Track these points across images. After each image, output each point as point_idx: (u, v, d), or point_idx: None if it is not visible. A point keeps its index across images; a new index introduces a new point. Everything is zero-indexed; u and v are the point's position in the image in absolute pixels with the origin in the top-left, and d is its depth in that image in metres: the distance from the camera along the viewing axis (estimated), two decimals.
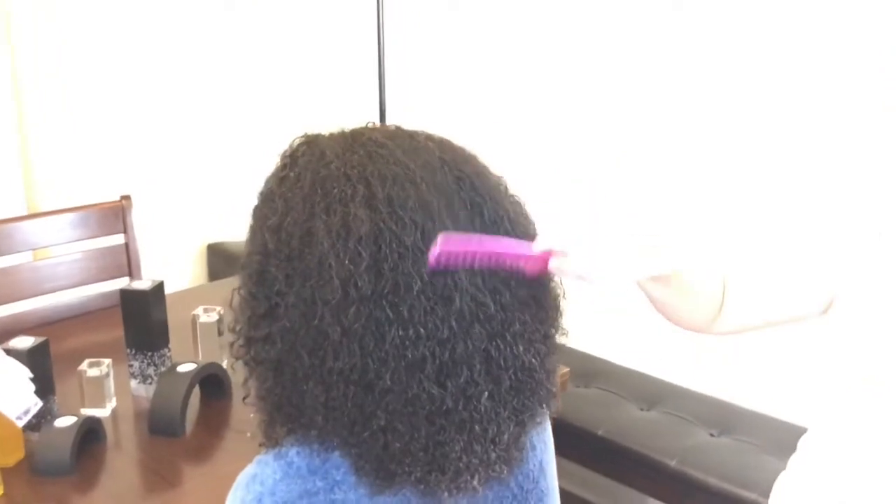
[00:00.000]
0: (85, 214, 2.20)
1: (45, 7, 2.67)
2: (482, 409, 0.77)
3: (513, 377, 0.79)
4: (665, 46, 2.40)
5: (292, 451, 0.81)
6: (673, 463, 2.00)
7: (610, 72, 2.53)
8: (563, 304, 0.85)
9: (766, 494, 1.84)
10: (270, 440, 0.83)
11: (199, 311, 1.76)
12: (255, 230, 0.83)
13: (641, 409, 2.21)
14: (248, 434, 0.87)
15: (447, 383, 0.76)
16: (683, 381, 2.31)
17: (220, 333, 1.75)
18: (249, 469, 0.84)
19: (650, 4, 2.44)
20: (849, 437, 1.03)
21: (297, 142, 0.85)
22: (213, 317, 1.74)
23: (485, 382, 0.77)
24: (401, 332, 0.74)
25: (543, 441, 0.92)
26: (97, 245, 2.23)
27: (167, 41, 3.14)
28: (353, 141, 0.82)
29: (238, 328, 0.85)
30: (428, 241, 0.75)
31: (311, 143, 0.84)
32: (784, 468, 1.95)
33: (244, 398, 0.87)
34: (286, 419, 0.81)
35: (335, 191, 0.77)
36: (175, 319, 1.72)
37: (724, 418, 2.13)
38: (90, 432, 1.47)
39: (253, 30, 3.35)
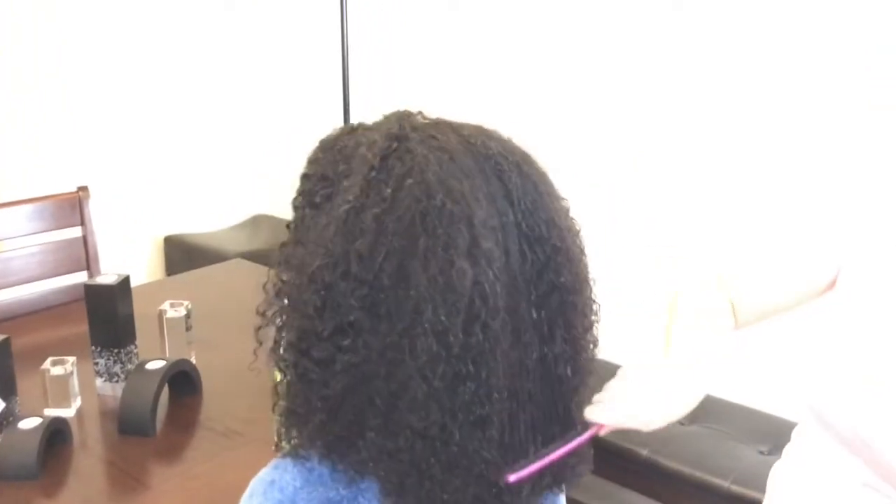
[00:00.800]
0: (40, 206, 2.13)
1: None
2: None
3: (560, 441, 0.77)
4: (678, 46, 2.39)
5: (313, 457, 0.76)
6: (645, 452, 2.00)
7: (622, 73, 2.50)
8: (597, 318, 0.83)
9: (739, 482, 1.87)
10: (299, 455, 0.77)
11: (165, 305, 1.71)
12: (332, 238, 0.72)
13: None
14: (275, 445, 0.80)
15: (504, 442, 0.73)
16: None
17: (187, 328, 1.70)
18: (266, 474, 0.78)
19: (654, 4, 2.43)
20: (845, 426, 1.03)
21: (384, 136, 0.75)
22: (181, 311, 1.69)
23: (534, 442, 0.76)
24: (473, 387, 0.70)
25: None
26: (54, 238, 2.16)
27: (126, 32, 3.07)
28: (453, 161, 0.73)
29: (285, 338, 0.76)
30: (508, 307, 0.72)
31: (406, 150, 0.73)
32: (753, 454, 1.98)
33: (273, 406, 0.79)
34: (330, 447, 0.75)
35: (439, 231, 0.69)
36: (139, 314, 1.67)
37: (698, 406, 2.14)
38: (56, 433, 1.41)
39: (215, 23, 3.29)
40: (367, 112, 0.82)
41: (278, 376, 0.78)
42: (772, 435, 2.00)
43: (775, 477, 1.13)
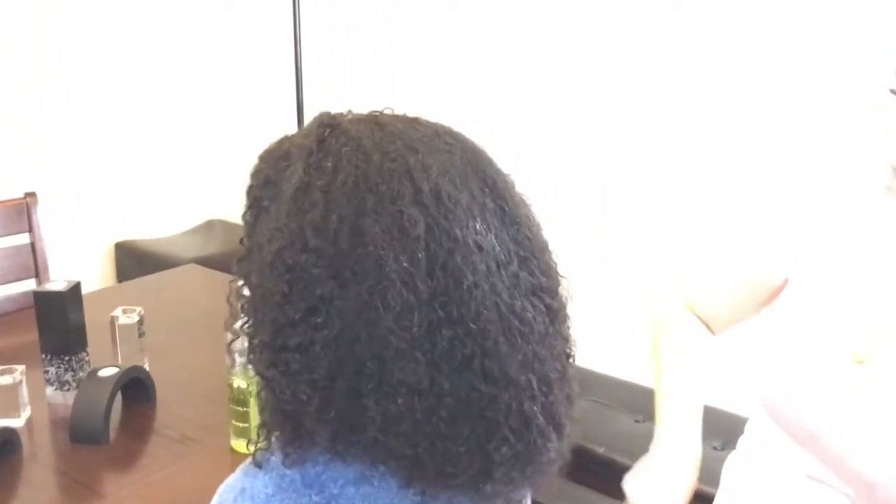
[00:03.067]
0: None
1: None
2: (529, 411, 0.74)
3: (554, 384, 0.77)
4: (670, 47, 2.41)
5: (284, 463, 0.75)
6: (602, 450, 2.02)
7: (613, 70, 2.51)
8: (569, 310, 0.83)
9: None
10: (290, 458, 0.75)
11: (117, 312, 1.68)
12: (288, 223, 0.73)
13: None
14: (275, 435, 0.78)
15: (496, 380, 0.72)
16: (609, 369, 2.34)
17: (140, 335, 1.68)
18: (236, 481, 0.77)
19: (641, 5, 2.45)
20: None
21: (316, 126, 0.78)
22: (133, 318, 1.67)
23: (535, 384, 0.75)
24: (450, 332, 0.70)
25: None
26: (1, 245, 2.11)
27: (73, 35, 3.02)
28: (383, 130, 0.77)
29: (259, 340, 0.75)
30: (477, 239, 0.72)
31: (341, 131, 0.77)
32: (707, 450, 2.01)
33: (261, 410, 0.77)
34: (332, 435, 0.74)
35: (382, 188, 0.72)
36: (91, 321, 1.65)
37: (651, 404, 2.16)
38: (5, 444, 1.39)
39: (165, 27, 3.25)
40: (320, 112, 0.83)
41: (250, 386, 0.77)
42: (724, 430, 2.02)
43: (728, 469, 1.15)
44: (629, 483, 1.16)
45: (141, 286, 2.28)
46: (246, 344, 0.79)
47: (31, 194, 2.16)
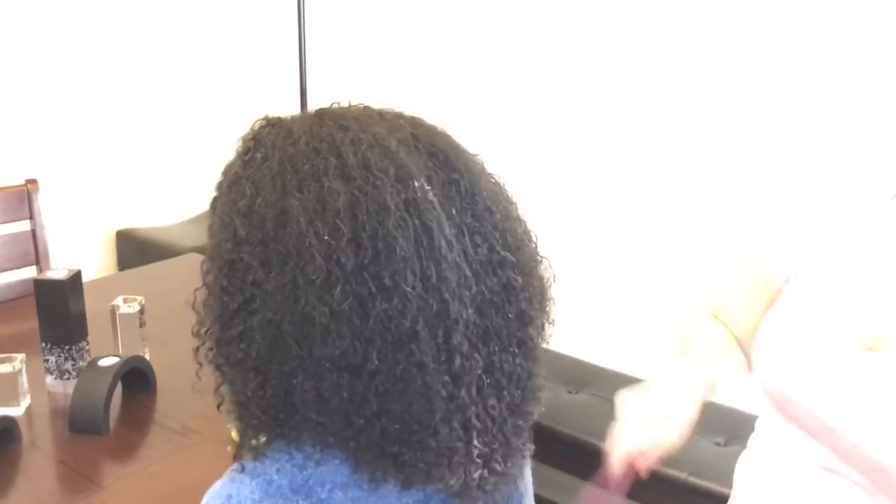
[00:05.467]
0: None
1: None
2: (477, 387, 0.72)
3: (510, 359, 0.74)
4: (675, 48, 2.40)
5: (271, 469, 0.74)
6: (602, 444, 2.01)
7: (620, 71, 2.50)
8: (552, 293, 0.82)
9: (696, 473, 1.89)
10: (248, 451, 0.76)
11: (118, 301, 1.67)
12: (220, 219, 0.76)
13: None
14: (228, 426, 0.79)
15: (444, 360, 0.71)
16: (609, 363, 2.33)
17: (141, 324, 1.67)
18: (221, 488, 0.76)
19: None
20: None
21: (258, 124, 0.79)
22: (134, 307, 1.66)
23: (482, 358, 0.73)
24: (385, 305, 0.69)
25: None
26: (1, 232, 2.10)
27: (76, 22, 3.00)
28: (320, 116, 0.77)
29: (205, 330, 0.77)
30: (411, 205, 0.70)
31: (275, 124, 0.78)
32: (710, 445, 2.00)
33: (218, 406, 0.79)
34: (274, 423, 0.74)
35: (306, 166, 0.72)
36: (91, 310, 1.63)
37: None
38: (4, 433, 1.38)
39: (167, 16, 3.23)
40: (325, 103, 0.82)
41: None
42: (727, 427, 2.02)
43: (741, 468, 1.14)
44: (624, 401, 1.10)
45: (142, 275, 2.27)
46: None
47: (33, 181, 2.14)
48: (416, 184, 0.72)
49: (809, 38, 2.18)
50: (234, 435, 0.75)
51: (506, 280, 0.75)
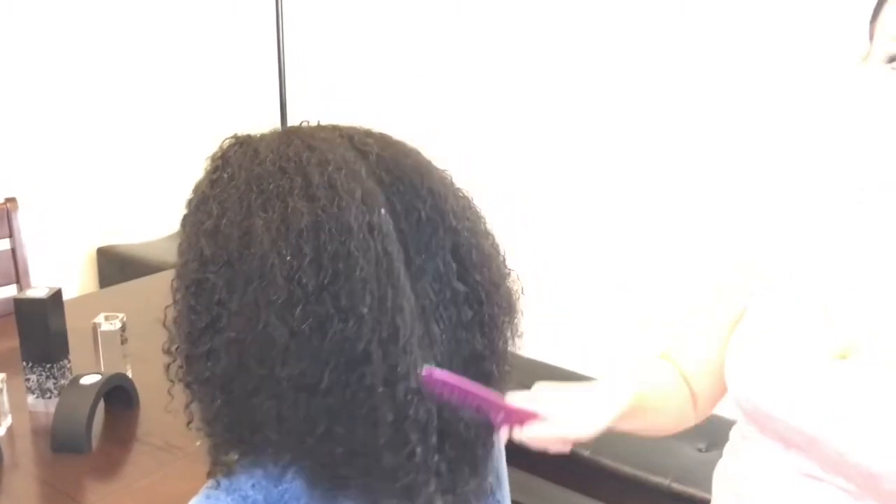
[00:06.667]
0: None
1: None
2: (426, 415, 0.73)
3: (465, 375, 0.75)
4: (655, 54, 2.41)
5: (246, 484, 0.75)
6: (587, 453, 2.02)
7: (606, 77, 2.51)
8: (521, 305, 0.83)
9: (679, 479, 1.91)
10: (221, 467, 0.76)
11: (99, 318, 1.67)
12: (188, 238, 0.77)
13: None
14: (198, 443, 0.80)
15: (391, 384, 0.71)
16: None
17: (123, 342, 1.66)
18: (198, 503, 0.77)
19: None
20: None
21: (227, 143, 0.80)
22: (116, 325, 1.66)
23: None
24: (341, 326, 0.70)
25: (499, 450, 0.90)
26: None
27: (54, 37, 2.99)
28: (288, 135, 0.78)
29: (175, 348, 0.78)
30: (374, 229, 0.71)
31: (243, 143, 0.79)
32: (692, 451, 2.01)
33: (188, 423, 0.79)
34: (239, 440, 0.75)
35: (272, 186, 0.72)
36: (72, 328, 1.63)
37: None
38: None
39: (147, 30, 3.23)
40: (304, 117, 0.83)
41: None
42: (708, 432, 2.03)
43: (719, 477, 1.15)
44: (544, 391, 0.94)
45: (123, 292, 2.27)
46: None
47: (12, 199, 2.14)
48: (383, 211, 0.73)
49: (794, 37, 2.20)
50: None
51: (472, 297, 0.77)
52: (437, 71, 2.82)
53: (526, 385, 0.89)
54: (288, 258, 0.70)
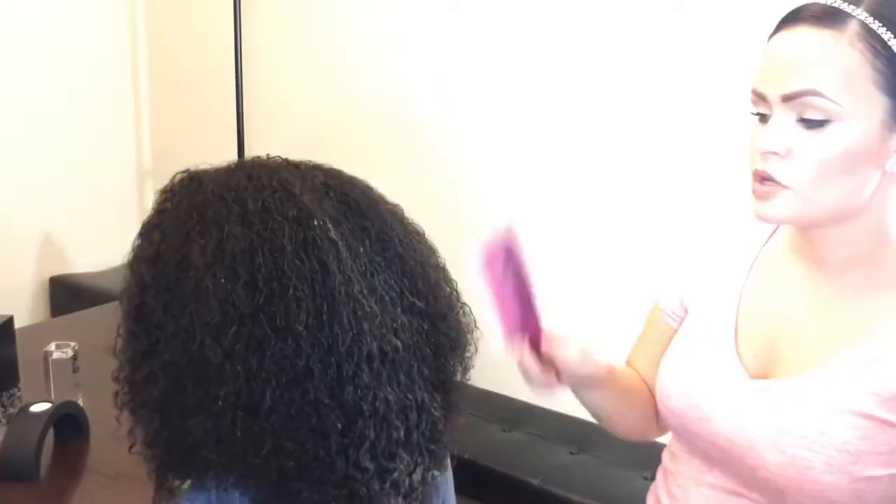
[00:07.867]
0: None
1: None
2: (379, 420, 0.75)
3: (418, 396, 0.78)
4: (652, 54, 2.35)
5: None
6: (537, 482, 2.05)
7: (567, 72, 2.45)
8: (474, 337, 0.86)
9: None
10: (165, 491, 0.78)
11: (51, 347, 1.66)
12: (131, 265, 0.80)
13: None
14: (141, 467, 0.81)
15: (337, 394, 0.74)
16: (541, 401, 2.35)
17: (74, 370, 1.66)
18: None
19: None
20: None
21: (178, 177, 0.83)
22: (68, 353, 1.65)
23: (379, 392, 0.75)
24: (280, 346, 0.72)
25: (446, 481, 0.91)
26: None
27: (10, 46, 2.97)
28: (234, 168, 0.81)
29: (122, 375, 0.80)
30: (309, 245, 0.74)
31: (192, 176, 0.82)
32: (639, 480, 2.05)
33: (130, 447, 0.81)
34: (179, 463, 0.77)
35: (210, 214, 0.76)
36: (24, 357, 1.63)
37: (585, 435, 2.20)
38: None
39: (96, 42, 3.22)
40: (261, 147, 0.85)
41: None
42: (654, 461, 2.07)
43: (649, 498, 1.20)
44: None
45: (76, 321, 2.25)
46: None
47: None
48: (316, 222, 0.75)
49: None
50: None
51: (416, 324, 0.79)
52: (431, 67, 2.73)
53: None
54: (222, 281, 0.72)
